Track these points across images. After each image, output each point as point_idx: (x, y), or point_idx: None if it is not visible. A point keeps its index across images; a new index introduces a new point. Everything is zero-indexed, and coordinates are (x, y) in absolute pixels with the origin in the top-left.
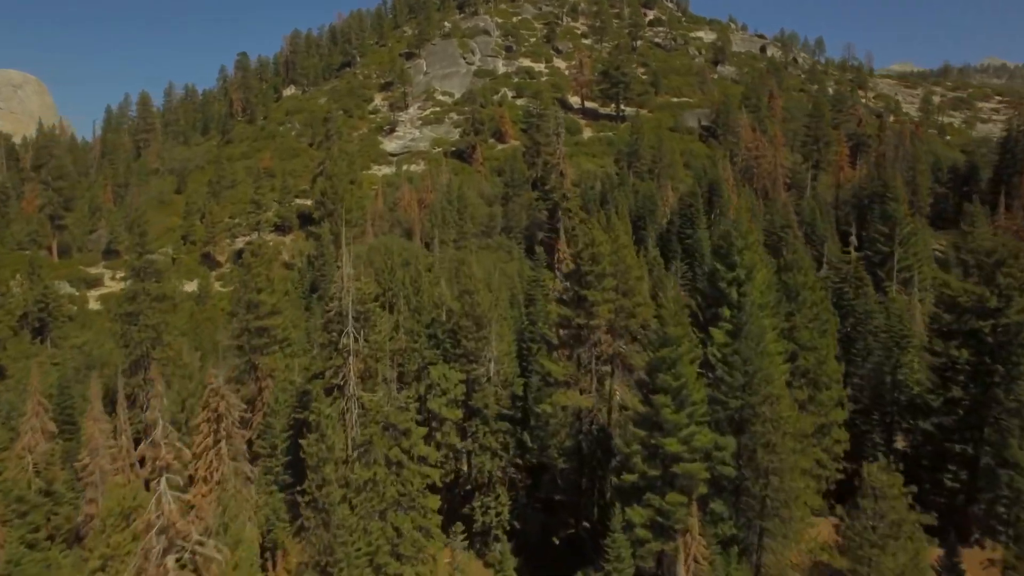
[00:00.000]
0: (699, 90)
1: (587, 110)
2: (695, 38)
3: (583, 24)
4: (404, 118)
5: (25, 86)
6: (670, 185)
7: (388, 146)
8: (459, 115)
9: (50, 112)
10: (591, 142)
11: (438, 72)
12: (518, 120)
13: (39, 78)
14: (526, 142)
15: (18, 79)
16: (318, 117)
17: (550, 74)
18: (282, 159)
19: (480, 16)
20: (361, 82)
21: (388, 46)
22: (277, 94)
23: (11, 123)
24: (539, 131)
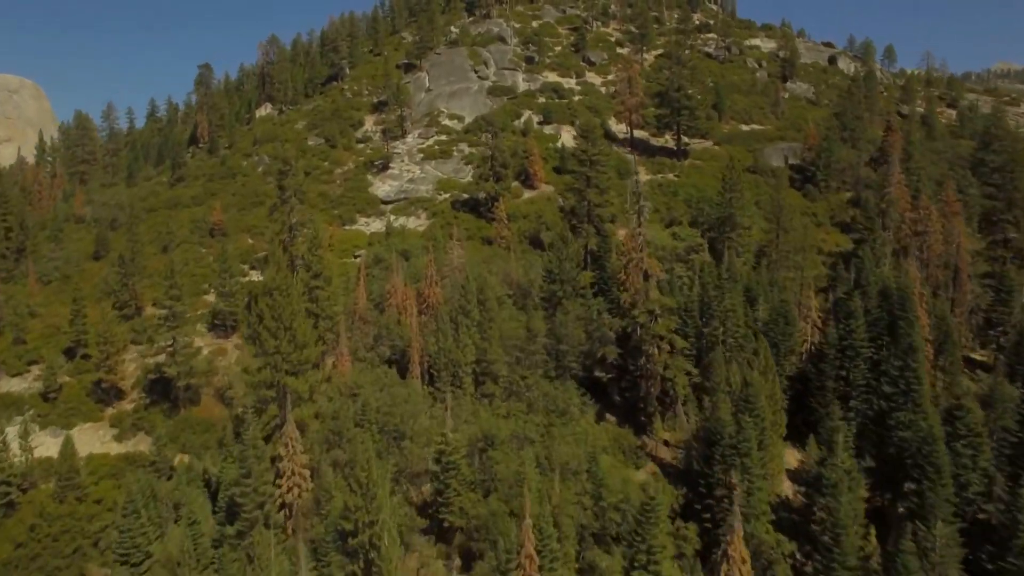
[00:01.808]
0: (771, 114)
1: (636, 141)
2: (751, 47)
3: (616, 29)
4: (401, 149)
5: (22, 91)
6: (802, 283)
7: (380, 189)
8: (471, 146)
9: (48, 118)
10: (650, 191)
11: (444, 89)
12: (549, 155)
13: (36, 83)
14: (564, 189)
15: (14, 84)
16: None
17: (583, 92)
18: (240, 208)
19: (493, 20)
20: (349, 101)
21: (383, 55)
22: (249, 115)
23: (7, 129)
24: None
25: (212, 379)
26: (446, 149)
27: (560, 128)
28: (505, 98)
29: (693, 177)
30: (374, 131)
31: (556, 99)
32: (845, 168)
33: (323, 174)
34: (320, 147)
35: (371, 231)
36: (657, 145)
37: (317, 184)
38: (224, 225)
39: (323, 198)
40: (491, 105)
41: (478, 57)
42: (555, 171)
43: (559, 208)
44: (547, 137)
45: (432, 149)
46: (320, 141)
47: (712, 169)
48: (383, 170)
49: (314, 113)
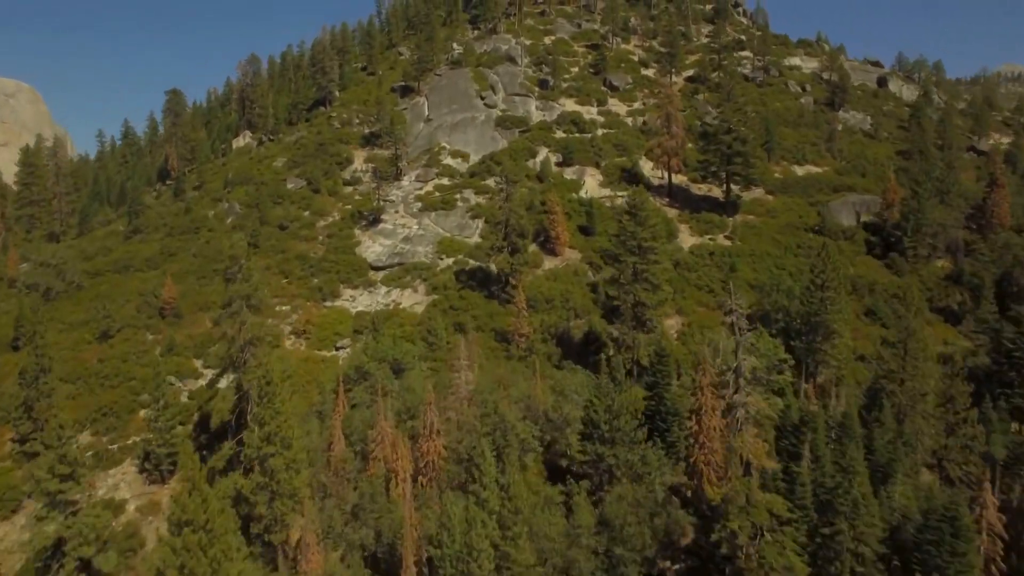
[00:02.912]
0: (826, 151)
1: (675, 189)
2: (790, 67)
3: (638, 46)
4: (395, 195)
5: (18, 95)
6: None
7: (369, 250)
8: (478, 193)
9: (45, 122)
10: (696, 262)
11: (445, 118)
12: (572, 208)
13: (33, 86)
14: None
15: (11, 88)
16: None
17: (607, 124)
18: (201, 276)
19: (500, 36)
20: (336, 132)
21: (377, 75)
22: (225, 145)
23: (3, 134)
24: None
25: (134, 560)
26: (448, 198)
27: (583, 172)
28: (516, 131)
29: (750, 241)
30: (364, 170)
31: (576, 133)
32: (937, 231)
33: (303, 228)
34: (301, 191)
35: (358, 309)
36: (699, 194)
37: (295, 241)
38: (176, 303)
39: (301, 262)
40: (500, 140)
41: (484, 80)
42: (581, 231)
43: (588, 285)
44: (568, 184)
45: (432, 198)
46: (301, 183)
47: (771, 229)
48: (373, 224)
49: (296, 147)
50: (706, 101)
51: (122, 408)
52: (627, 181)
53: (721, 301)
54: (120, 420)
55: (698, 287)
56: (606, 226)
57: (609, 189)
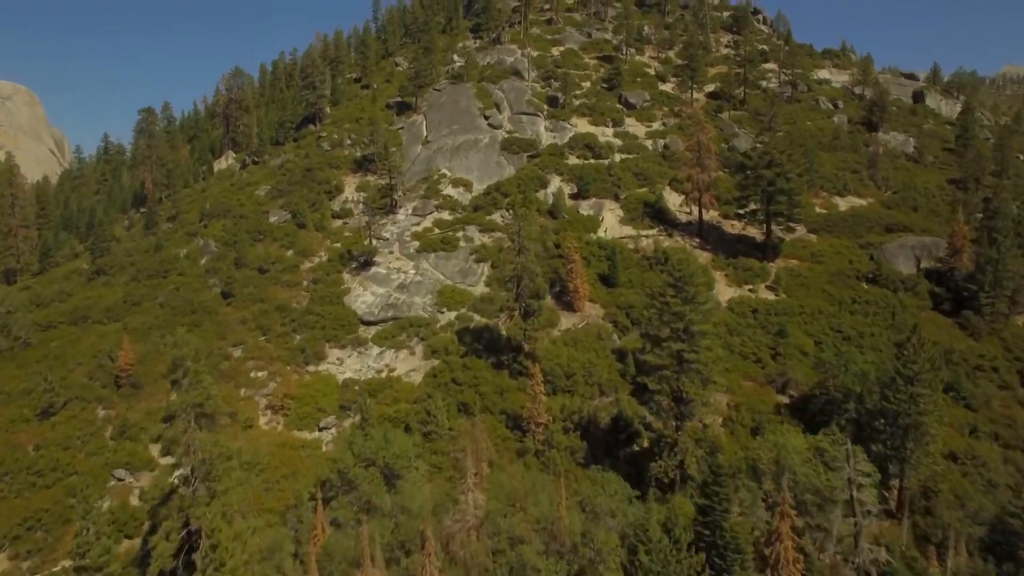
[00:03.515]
0: (870, 179)
1: (706, 227)
2: (818, 80)
3: (653, 58)
4: (390, 231)
5: (14, 97)
6: None
7: (360, 299)
8: (482, 231)
9: (41, 124)
10: (738, 323)
11: (445, 140)
12: (592, 253)
13: (30, 88)
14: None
15: (7, 90)
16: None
17: (625, 148)
18: (165, 335)
19: (505, 47)
20: (326, 155)
21: (372, 88)
22: (205, 168)
23: None
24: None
25: None
26: (449, 238)
27: (601, 206)
28: (524, 155)
29: (797, 294)
30: (356, 201)
31: (591, 158)
32: (1021, 284)
33: (285, 271)
34: (285, 226)
35: (346, 376)
36: (733, 233)
37: (276, 287)
38: (134, 371)
39: (282, 315)
40: (506, 166)
41: (488, 97)
42: (602, 280)
43: (614, 352)
44: (585, 221)
45: (430, 237)
46: (285, 216)
47: (819, 278)
48: (365, 267)
49: (282, 172)
50: (732, 120)
51: (55, 518)
52: (651, 217)
53: (773, 376)
54: (51, 536)
55: (743, 355)
56: (630, 275)
57: (631, 227)
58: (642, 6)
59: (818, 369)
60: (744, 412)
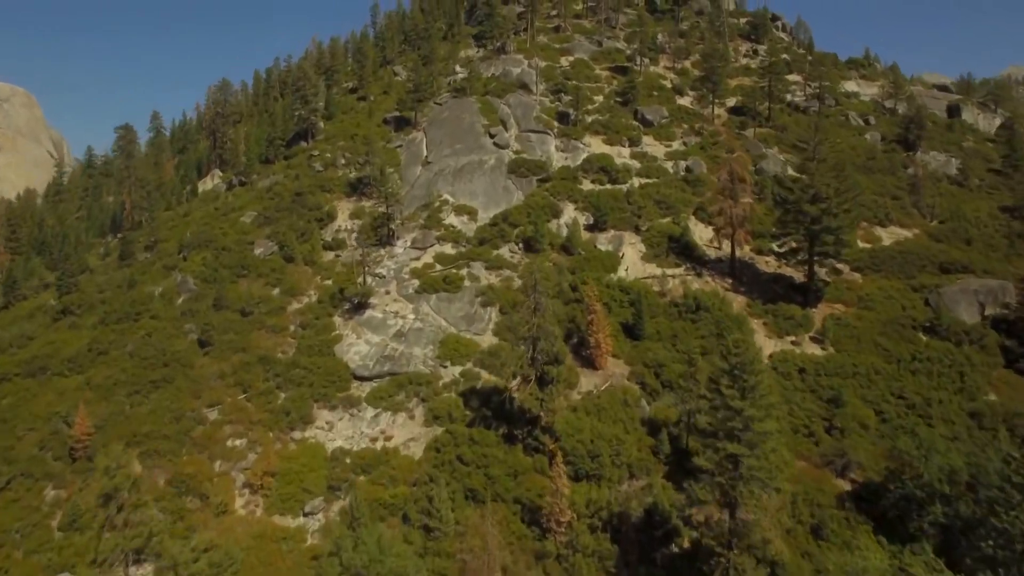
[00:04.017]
0: (913, 206)
1: (738, 263)
2: (846, 94)
3: (668, 68)
4: (387, 267)
5: (12, 99)
6: None
7: (353, 349)
8: (489, 267)
9: (40, 126)
10: (785, 387)
11: (447, 161)
12: (614, 299)
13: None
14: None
15: (5, 92)
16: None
17: (644, 171)
18: (132, 393)
19: (510, 56)
20: (318, 176)
21: (368, 101)
22: (190, 187)
23: None
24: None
25: None
26: (452, 276)
27: (621, 239)
28: (534, 179)
29: (847, 347)
30: (349, 230)
31: (607, 183)
32: None
33: (270, 313)
34: (271, 260)
35: (336, 444)
36: (769, 272)
37: (260, 333)
38: (92, 441)
39: (265, 367)
40: (514, 191)
41: (493, 112)
42: (625, 331)
43: (644, 424)
44: (603, 258)
45: (431, 275)
46: (272, 248)
47: (871, 328)
48: (358, 311)
49: (270, 196)
50: (758, 139)
51: None
52: (676, 252)
53: (830, 456)
54: None
55: (793, 427)
56: (657, 325)
57: (655, 264)
58: (654, 12)
59: (891, 457)
60: (801, 505)
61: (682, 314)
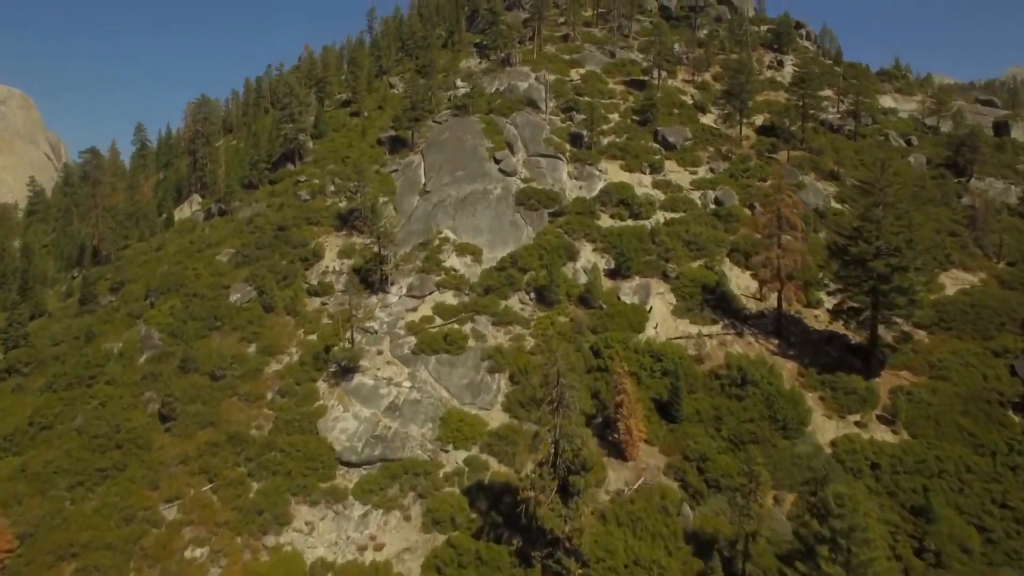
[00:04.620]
0: (974, 243)
1: (788, 321)
2: (882, 110)
3: (688, 82)
4: (379, 319)
5: (9, 101)
6: None
7: (339, 426)
8: (496, 323)
9: (37, 128)
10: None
11: (448, 191)
12: (643, 366)
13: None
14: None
15: (1, 94)
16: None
17: (669, 202)
18: (74, 485)
19: (516, 69)
20: (304, 206)
21: (362, 117)
22: (165, 215)
23: None
24: None
25: None
26: (454, 334)
27: (648, 289)
28: (545, 212)
29: (924, 431)
30: (338, 271)
31: (628, 218)
32: None
33: (245, 376)
34: (248, 309)
35: (316, 554)
36: (820, 330)
37: (231, 403)
38: (9, 561)
39: (235, 449)
40: (523, 226)
41: (498, 133)
42: (658, 409)
43: (687, 538)
44: (629, 313)
45: (430, 332)
46: (250, 294)
47: (949, 405)
48: (346, 376)
49: (250, 230)
50: (793, 165)
51: None
52: (712, 305)
53: None
54: None
55: None
56: (696, 402)
57: (688, 319)
58: (669, 19)
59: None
60: None
61: (724, 387)
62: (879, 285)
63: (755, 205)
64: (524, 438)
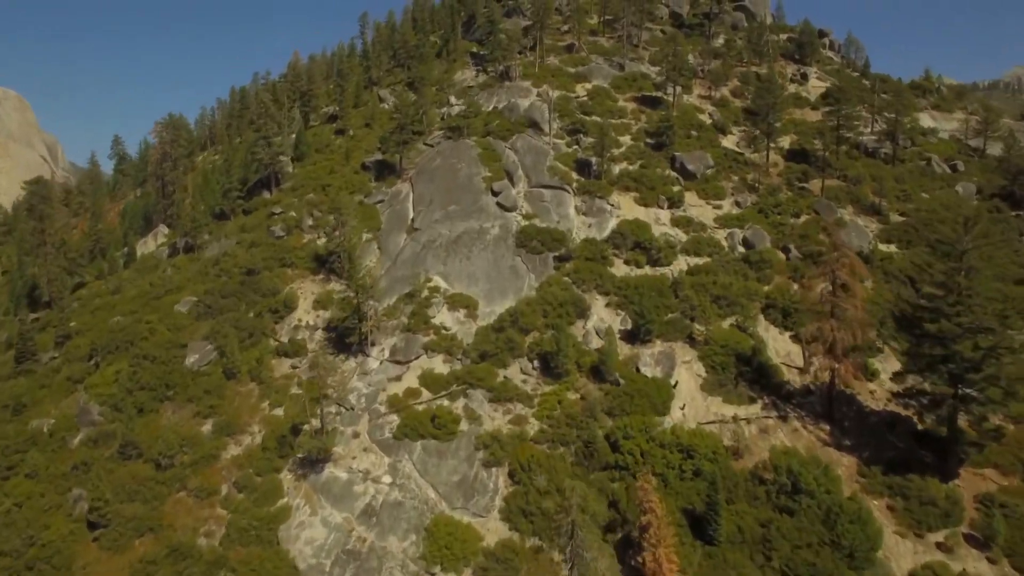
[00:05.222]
0: None
1: (840, 398)
2: (921, 130)
3: (704, 98)
4: (356, 395)
5: (4, 102)
6: None
7: (303, 537)
8: (495, 399)
9: (32, 130)
10: None
11: (440, 229)
12: (666, 460)
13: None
14: None
15: None
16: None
17: (692, 245)
18: None
19: (516, 84)
20: (277, 245)
21: (347, 136)
22: (127, 249)
23: None
24: None
25: None
26: (444, 415)
27: (672, 358)
28: (550, 256)
29: None
30: (312, 326)
31: (646, 264)
32: None
33: (196, 465)
34: (206, 374)
35: None
36: (879, 412)
37: (178, 500)
38: None
39: (176, 566)
40: (525, 273)
41: (496, 159)
42: (693, 527)
43: None
44: (650, 390)
45: (415, 410)
46: (210, 354)
47: None
48: (315, 467)
49: (217, 272)
50: (830, 198)
51: None
52: (748, 379)
53: None
54: None
55: None
56: (738, 516)
57: (720, 396)
58: (681, 27)
59: None
60: None
61: (771, 495)
62: (966, 373)
63: (790, 248)
64: (527, 559)
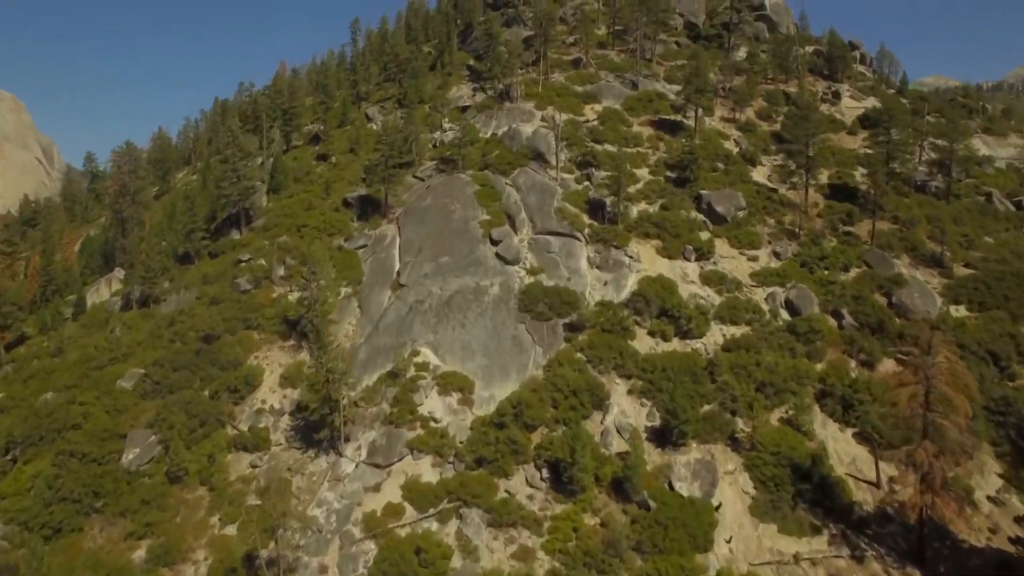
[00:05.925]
0: None
1: (931, 530)
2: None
3: (727, 121)
4: (327, 511)
5: None
6: None
7: None
8: (492, 522)
9: (28, 131)
10: None
11: (431, 286)
12: None
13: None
14: None
15: None
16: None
17: (727, 310)
18: None
19: (518, 106)
20: (243, 301)
21: (329, 163)
22: (76, 297)
23: None
24: None
25: None
26: (431, 545)
27: (713, 470)
28: (560, 323)
29: None
30: (278, 410)
31: (674, 335)
32: None
33: None
34: (147, 477)
35: None
36: (981, 550)
37: None
38: None
39: None
40: (530, 345)
41: (495, 199)
42: None
43: None
44: (687, 517)
45: (396, 533)
46: (153, 449)
47: None
48: None
49: (171, 336)
50: (881, 246)
51: None
52: (809, 501)
53: None
54: None
55: None
56: None
57: (775, 524)
58: (697, 39)
59: None
60: None
61: None
62: None
63: (842, 314)
64: None
